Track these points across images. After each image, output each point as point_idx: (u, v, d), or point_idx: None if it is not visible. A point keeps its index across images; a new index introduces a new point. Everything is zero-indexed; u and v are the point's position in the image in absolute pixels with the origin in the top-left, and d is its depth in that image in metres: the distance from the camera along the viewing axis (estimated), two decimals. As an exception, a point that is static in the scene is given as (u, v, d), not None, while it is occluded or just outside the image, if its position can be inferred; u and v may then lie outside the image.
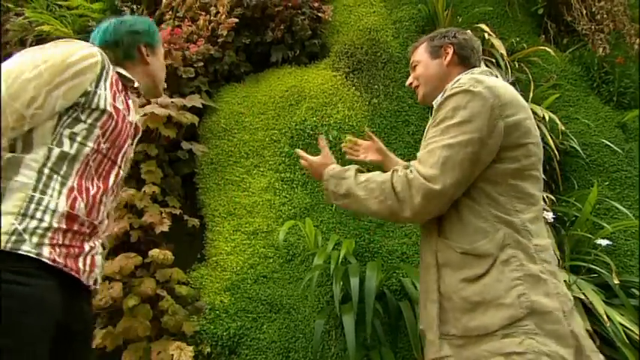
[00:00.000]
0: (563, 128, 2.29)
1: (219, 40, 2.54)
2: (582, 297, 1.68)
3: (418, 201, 0.86)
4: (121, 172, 0.99)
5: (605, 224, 1.88)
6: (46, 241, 0.79)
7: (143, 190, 1.93)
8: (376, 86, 2.40)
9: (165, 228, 1.86)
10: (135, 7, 2.94)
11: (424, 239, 0.97)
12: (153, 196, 1.95)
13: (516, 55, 2.62)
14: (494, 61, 2.48)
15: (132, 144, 1.05)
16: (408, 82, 1.18)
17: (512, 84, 2.51)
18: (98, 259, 0.93)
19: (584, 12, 2.92)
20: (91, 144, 0.87)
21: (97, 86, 0.88)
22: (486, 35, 2.54)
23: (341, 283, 1.63)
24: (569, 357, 0.77)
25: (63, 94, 0.83)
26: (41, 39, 2.91)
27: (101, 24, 1.07)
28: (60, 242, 0.82)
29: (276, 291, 1.85)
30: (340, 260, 1.68)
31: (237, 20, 2.54)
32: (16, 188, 0.78)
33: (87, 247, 0.88)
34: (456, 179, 0.85)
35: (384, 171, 0.99)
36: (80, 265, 0.86)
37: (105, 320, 1.70)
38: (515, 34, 2.80)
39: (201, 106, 2.30)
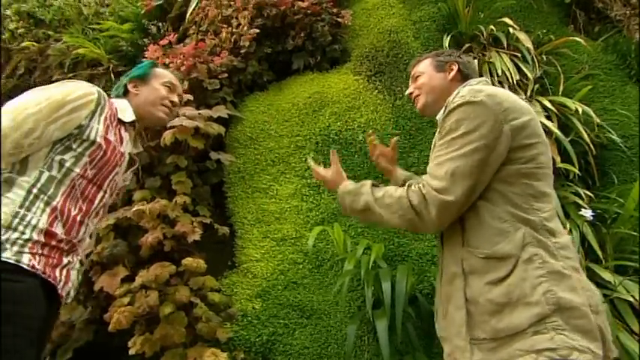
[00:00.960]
0: (598, 121, 2.19)
1: (241, 51, 2.61)
2: (630, 299, 1.59)
3: (435, 213, 0.90)
4: (107, 196, 1.09)
5: (650, 220, 1.77)
6: (26, 250, 0.89)
7: (174, 200, 2.00)
8: (399, 88, 2.38)
9: (197, 237, 1.91)
10: (160, 24, 3.07)
11: (448, 250, 0.98)
12: (184, 206, 2.01)
13: (544, 48, 2.53)
14: (520, 55, 2.41)
15: (124, 172, 1.15)
16: (408, 92, 1.22)
17: (541, 78, 2.43)
18: (73, 273, 1.02)
19: (617, -2, 2.78)
20: (77, 170, 0.98)
21: (90, 120, 1.00)
22: (511, 30, 2.47)
23: (372, 287, 1.61)
24: (598, 351, 0.77)
25: (60, 127, 0.95)
26: (77, 61, 3.08)
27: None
28: (39, 252, 0.92)
29: (307, 297, 1.85)
30: (370, 265, 1.66)
31: (258, 31, 2.59)
32: (5, 204, 0.90)
33: (65, 261, 0.98)
34: (467, 187, 0.89)
35: (387, 181, 1.06)
36: (57, 274, 0.95)
37: (143, 327, 1.76)
38: (542, 26, 2.71)
39: (227, 116, 2.36)
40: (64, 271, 0.97)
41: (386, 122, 2.28)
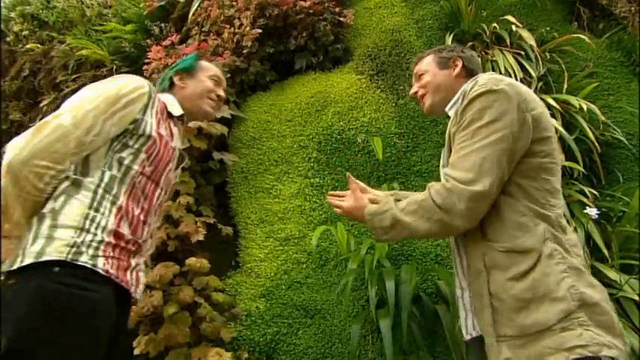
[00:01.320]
0: (603, 118, 2.17)
1: (244, 51, 2.61)
2: (636, 297, 1.58)
3: (464, 207, 0.86)
4: (163, 194, 1.07)
5: (656, 219, 1.76)
6: (100, 253, 0.89)
7: (178, 200, 2.00)
8: (402, 87, 2.38)
9: (201, 237, 1.91)
10: (163, 25, 3.07)
11: (470, 245, 0.95)
12: (187, 206, 2.02)
13: (547, 46, 2.51)
14: (523, 53, 2.39)
15: (176, 169, 1.13)
16: (412, 92, 1.17)
17: (544, 76, 2.42)
18: (141, 275, 1.01)
19: (621, -6, 2.76)
20: (136, 167, 0.97)
21: (144, 114, 0.98)
22: (514, 27, 2.46)
23: (376, 287, 1.61)
24: (622, 346, 0.77)
25: (116, 122, 0.94)
26: (81, 63, 3.10)
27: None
28: (111, 254, 0.91)
29: (311, 296, 1.85)
30: (374, 264, 1.66)
31: (260, 31, 2.59)
32: (75, 206, 0.89)
33: (133, 263, 0.97)
34: (496, 177, 0.86)
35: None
36: (128, 277, 0.95)
37: (147, 327, 1.77)
38: (545, 24, 2.69)
39: (230, 116, 2.36)
40: (134, 274, 0.97)
41: (389, 121, 2.28)
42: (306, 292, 1.87)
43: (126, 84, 0.97)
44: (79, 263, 0.85)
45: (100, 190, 0.92)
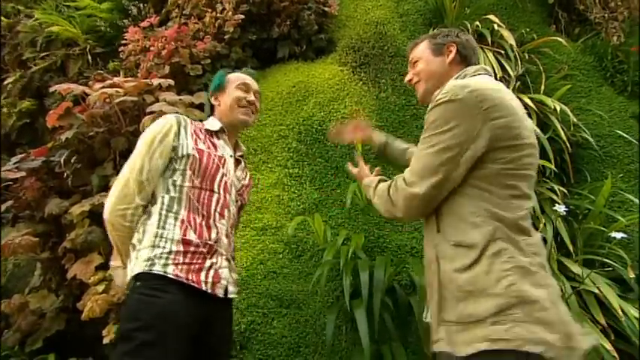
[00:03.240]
0: (575, 120, 2.25)
1: (225, 36, 2.55)
2: (596, 291, 1.65)
3: (401, 203, 0.99)
4: (222, 197, 1.20)
5: (619, 217, 1.84)
6: (170, 262, 1.08)
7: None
8: (384, 80, 2.38)
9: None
10: (141, 5, 2.96)
11: (426, 236, 1.03)
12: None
13: (526, 46, 2.57)
14: (503, 52, 2.44)
15: (235, 172, 1.28)
16: (407, 79, 1.19)
17: (522, 76, 2.48)
18: (224, 272, 1.16)
19: (597, 0, 2.85)
20: (187, 183, 1.16)
21: (178, 139, 1.18)
22: (495, 26, 2.50)
23: (351, 278, 1.63)
24: (557, 342, 0.81)
25: (159, 156, 1.15)
26: (50, 40, 2.95)
27: None
28: (181, 261, 1.09)
29: (286, 286, 1.85)
30: (350, 255, 1.67)
31: (243, 17, 2.53)
32: (148, 230, 1.12)
33: (208, 263, 1.13)
34: (435, 182, 0.93)
35: (377, 150, 1.36)
36: (202, 277, 1.10)
37: (117, 316, 1.73)
38: (525, 25, 2.75)
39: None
40: (211, 272, 1.13)
41: (369, 114, 2.28)
42: (282, 282, 1.87)
43: (156, 126, 1.19)
44: (153, 272, 1.06)
45: (164, 212, 1.13)
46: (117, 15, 2.92)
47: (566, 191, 2.08)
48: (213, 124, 1.28)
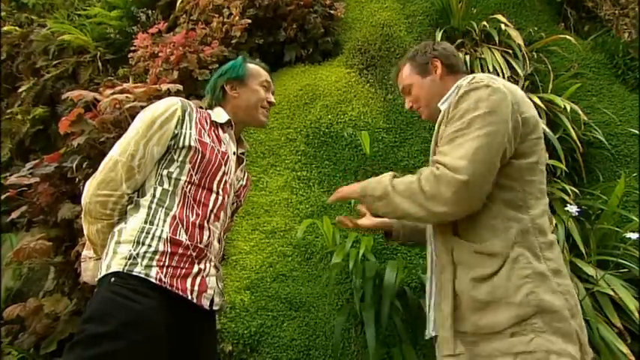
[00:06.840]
0: (585, 119, 2.22)
1: (232, 41, 2.57)
2: (611, 293, 1.62)
3: (449, 195, 0.83)
4: (220, 198, 1.08)
5: (633, 217, 1.81)
6: (154, 263, 0.94)
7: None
8: (391, 82, 2.38)
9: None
10: (150, 12, 3.00)
11: (439, 237, 0.96)
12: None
13: (535, 45, 2.55)
14: (511, 52, 2.42)
15: (235, 172, 1.16)
16: (407, 107, 1.16)
17: (531, 75, 2.45)
18: (210, 280, 1.03)
19: (607, -3, 2.81)
20: (184, 177, 1.02)
21: (181, 127, 1.04)
22: (503, 26, 2.48)
23: (360, 280, 1.62)
24: (576, 354, 0.78)
25: (157, 142, 1.01)
26: (62, 48, 3.01)
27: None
28: (167, 264, 0.95)
29: (296, 289, 1.86)
30: (359, 258, 1.67)
31: (249, 21, 2.56)
32: (133, 222, 0.98)
33: (195, 269, 1.00)
34: (486, 169, 0.83)
35: (385, 232, 1.13)
36: (188, 285, 0.97)
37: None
38: (533, 24, 2.72)
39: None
40: (198, 280, 0.99)
41: (377, 116, 2.28)
42: (291, 285, 1.87)
43: (157, 107, 1.04)
44: (134, 274, 0.92)
45: (154, 205, 0.99)
46: (126, 22, 2.97)
47: (577, 191, 2.05)
48: (220, 115, 1.14)
